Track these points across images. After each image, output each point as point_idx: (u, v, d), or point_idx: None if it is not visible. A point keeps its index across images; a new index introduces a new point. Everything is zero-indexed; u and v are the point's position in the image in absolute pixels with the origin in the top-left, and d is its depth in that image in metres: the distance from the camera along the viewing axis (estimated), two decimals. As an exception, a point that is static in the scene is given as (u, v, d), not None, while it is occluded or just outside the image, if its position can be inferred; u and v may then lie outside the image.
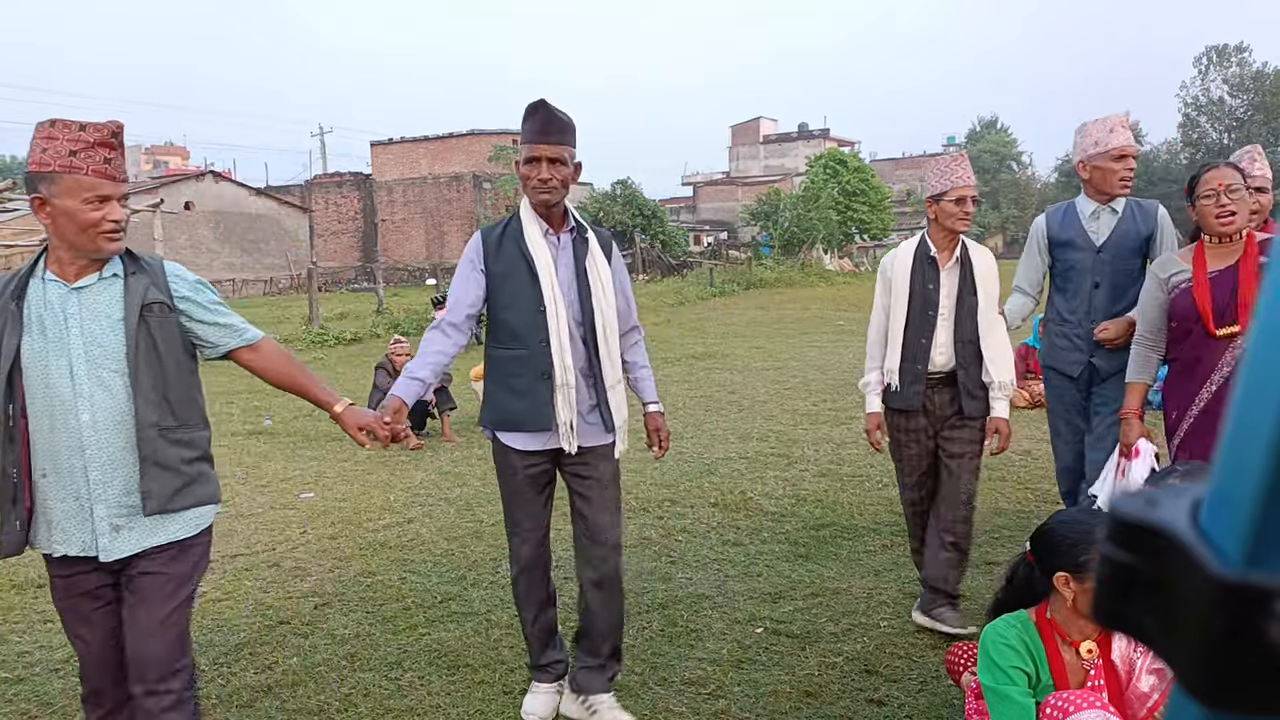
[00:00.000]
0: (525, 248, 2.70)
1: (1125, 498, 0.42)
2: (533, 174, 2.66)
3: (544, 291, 2.68)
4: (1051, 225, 3.58)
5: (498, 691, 3.03)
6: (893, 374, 3.32)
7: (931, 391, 3.30)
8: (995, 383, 3.24)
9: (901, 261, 3.33)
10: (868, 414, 3.45)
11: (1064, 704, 2.07)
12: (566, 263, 2.75)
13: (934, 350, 3.26)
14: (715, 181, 56.20)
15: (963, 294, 3.26)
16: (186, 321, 2.21)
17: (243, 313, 2.49)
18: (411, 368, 2.74)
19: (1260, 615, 0.36)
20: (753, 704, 2.91)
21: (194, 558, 2.23)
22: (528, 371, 2.70)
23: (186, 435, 2.20)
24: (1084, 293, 3.46)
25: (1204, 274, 2.90)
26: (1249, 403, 0.39)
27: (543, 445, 2.76)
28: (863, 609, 3.63)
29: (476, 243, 2.80)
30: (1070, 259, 3.50)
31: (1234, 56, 59.02)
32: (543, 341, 2.67)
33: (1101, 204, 3.47)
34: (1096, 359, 3.43)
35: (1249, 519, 0.37)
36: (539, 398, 2.69)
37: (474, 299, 2.77)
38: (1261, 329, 0.39)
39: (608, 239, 2.90)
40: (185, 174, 38.91)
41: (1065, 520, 2.29)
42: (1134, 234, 3.43)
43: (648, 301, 20.59)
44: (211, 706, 2.98)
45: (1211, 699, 0.38)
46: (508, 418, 2.75)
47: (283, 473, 6.34)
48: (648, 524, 4.87)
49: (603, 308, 2.75)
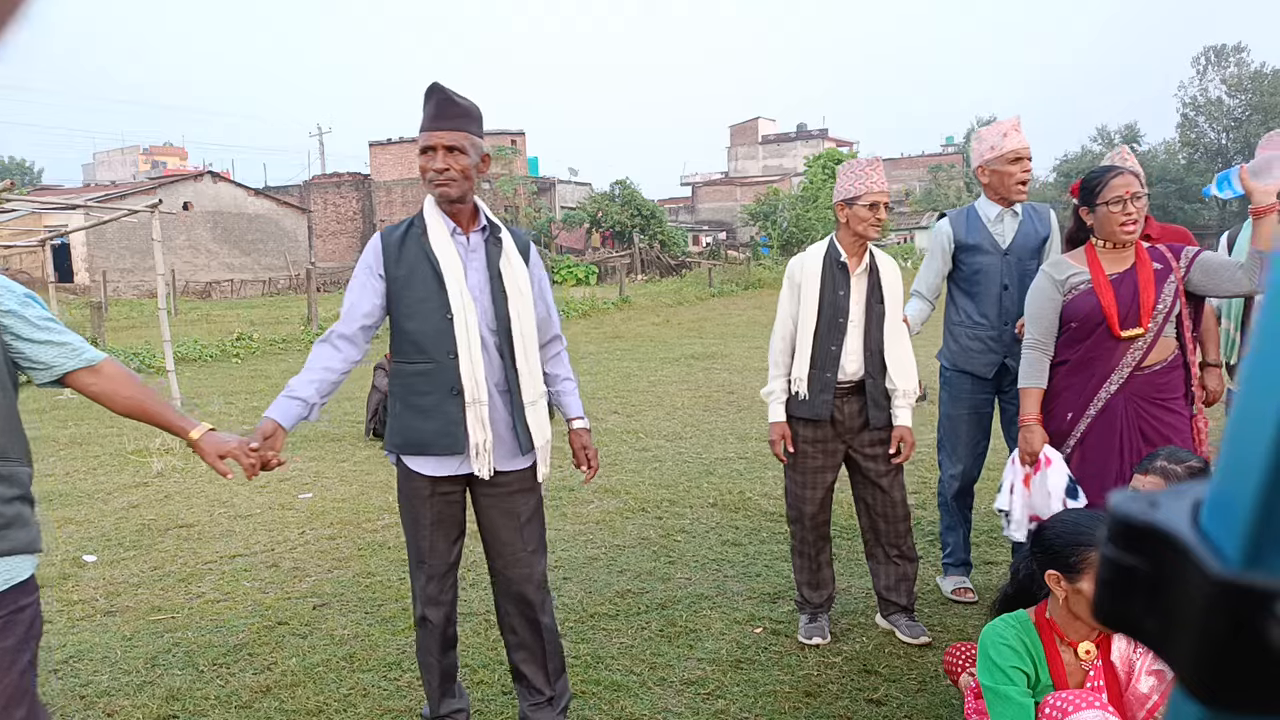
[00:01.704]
0: (429, 249, 2.45)
1: (1126, 498, 0.42)
2: (428, 164, 2.41)
3: (451, 297, 2.42)
4: (957, 229, 3.60)
5: (497, 691, 3.03)
6: (801, 382, 3.22)
7: (841, 401, 3.24)
8: (899, 391, 3.21)
9: (810, 267, 3.25)
10: (772, 424, 3.31)
11: (1063, 704, 2.07)
12: (478, 265, 2.50)
13: (844, 358, 3.20)
14: (714, 182, 56.22)
15: (871, 301, 3.23)
16: (11, 340, 1.89)
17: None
18: (293, 385, 2.43)
19: (1260, 616, 0.36)
20: (752, 704, 2.91)
21: (13, 626, 1.80)
22: (435, 388, 2.43)
23: (5, 470, 1.83)
24: (994, 295, 3.51)
25: (1104, 276, 2.94)
26: (1249, 403, 0.39)
27: (454, 470, 2.49)
28: (861, 609, 3.64)
29: (375, 244, 2.52)
30: (978, 262, 3.54)
31: (1232, 56, 59.11)
32: (451, 354, 2.42)
33: (1004, 207, 3.54)
34: (1010, 359, 3.49)
35: (1249, 519, 0.37)
36: (448, 417, 2.42)
37: (371, 308, 2.48)
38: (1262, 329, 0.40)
39: (526, 240, 2.67)
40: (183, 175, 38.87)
41: (1062, 520, 2.30)
42: (1035, 236, 3.51)
43: (647, 302, 20.60)
44: (210, 707, 2.98)
45: (1211, 700, 0.38)
46: (413, 440, 2.47)
47: (281, 473, 6.33)
48: (647, 524, 4.88)
49: (520, 314, 2.51)
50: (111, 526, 5.16)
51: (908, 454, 3.25)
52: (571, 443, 2.76)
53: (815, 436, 3.27)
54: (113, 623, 3.73)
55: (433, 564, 2.55)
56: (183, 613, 3.81)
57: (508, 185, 33.88)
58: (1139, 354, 2.90)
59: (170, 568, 4.40)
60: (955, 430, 3.69)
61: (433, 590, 2.57)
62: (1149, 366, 2.92)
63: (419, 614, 2.61)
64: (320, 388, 2.42)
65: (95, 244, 29.32)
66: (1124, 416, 2.94)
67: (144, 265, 29.24)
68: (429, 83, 2.46)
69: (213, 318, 20.13)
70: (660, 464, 6.23)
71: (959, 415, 3.66)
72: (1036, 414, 3.04)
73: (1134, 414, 2.93)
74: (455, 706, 2.71)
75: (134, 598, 4.01)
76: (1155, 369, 2.92)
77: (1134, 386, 2.93)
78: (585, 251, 33.76)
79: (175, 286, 24.42)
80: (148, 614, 3.81)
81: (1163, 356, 2.92)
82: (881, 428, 3.25)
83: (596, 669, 3.18)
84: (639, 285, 25.13)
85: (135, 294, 29.27)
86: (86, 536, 4.99)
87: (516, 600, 2.61)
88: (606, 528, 4.83)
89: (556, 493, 5.53)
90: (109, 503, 5.70)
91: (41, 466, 6.68)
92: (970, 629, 3.39)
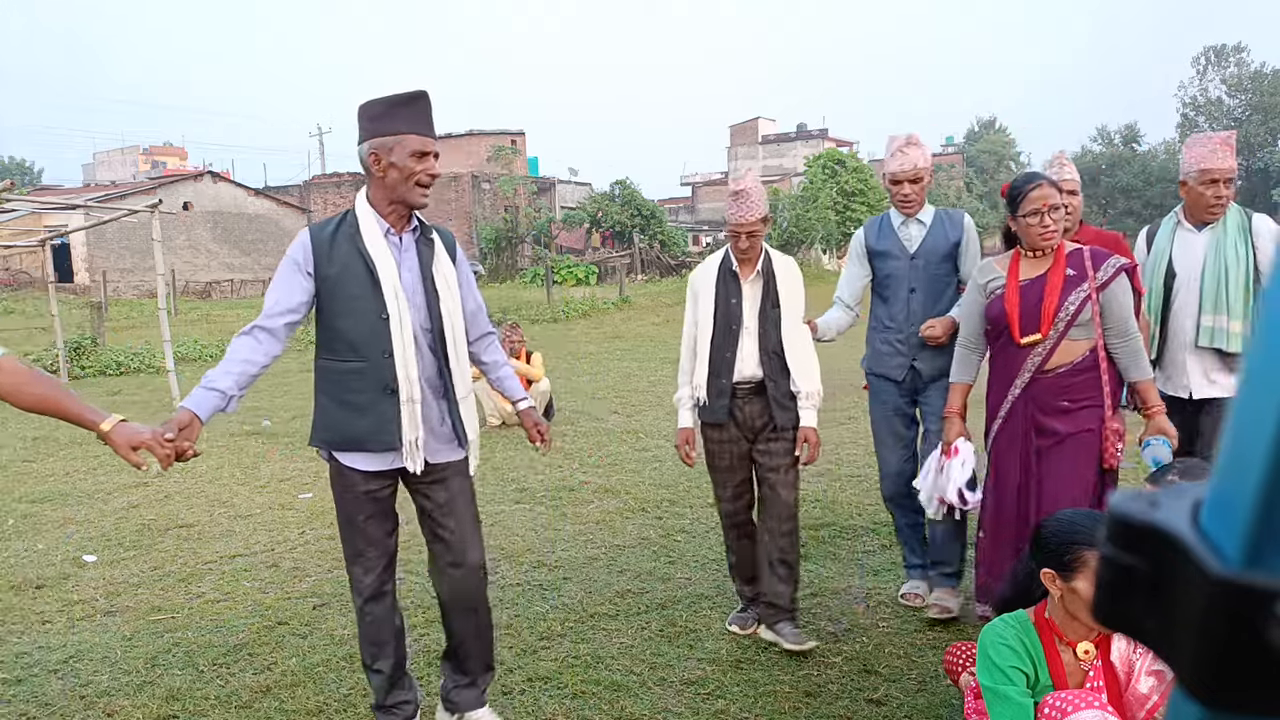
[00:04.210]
0: (363, 248, 2.46)
1: (1126, 498, 0.42)
2: (425, 169, 2.45)
3: (386, 297, 2.44)
4: (869, 236, 3.70)
5: (497, 692, 3.03)
6: (700, 389, 3.32)
7: (742, 403, 3.30)
8: (803, 393, 3.25)
9: (706, 278, 3.36)
10: (679, 429, 3.45)
11: (1062, 704, 2.08)
12: (410, 265, 2.53)
13: (739, 363, 3.26)
14: (714, 182, 56.19)
15: (765, 307, 3.27)
16: None
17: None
18: (211, 376, 2.39)
19: (1260, 616, 0.36)
20: (752, 704, 2.91)
21: None
22: (369, 386, 2.46)
23: None
24: (902, 299, 3.58)
25: (1016, 282, 3.00)
26: (1249, 403, 0.39)
27: (388, 465, 2.54)
28: (861, 609, 3.63)
29: (304, 241, 2.52)
30: (888, 267, 3.62)
31: (1232, 57, 59.13)
32: (386, 353, 2.45)
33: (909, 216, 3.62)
34: (919, 362, 3.55)
35: (1249, 519, 0.37)
36: (383, 414, 2.46)
37: (297, 304, 2.49)
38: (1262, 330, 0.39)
39: (452, 239, 2.72)
40: (183, 175, 38.85)
41: (1059, 519, 2.31)
42: (945, 241, 3.56)
43: (647, 301, 20.58)
44: (210, 707, 2.98)
45: (1211, 700, 0.38)
46: (347, 437, 2.50)
47: (281, 473, 6.34)
48: (647, 524, 4.88)
49: (451, 313, 2.57)
50: (111, 526, 5.16)
51: (813, 454, 3.28)
52: (524, 422, 2.88)
53: (721, 438, 3.37)
54: (113, 623, 3.73)
55: (370, 556, 2.60)
56: (183, 613, 3.81)
57: (508, 185, 33.85)
58: (1039, 358, 2.94)
59: (170, 568, 4.40)
60: (880, 433, 3.73)
61: (372, 582, 2.61)
62: (1052, 370, 2.95)
63: (360, 606, 2.64)
64: (239, 380, 2.41)
65: (95, 244, 29.31)
66: (1023, 420, 3.00)
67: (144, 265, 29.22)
68: (417, 87, 2.47)
69: (213, 318, 20.12)
70: (660, 464, 6.23)
71: (882, 418, 3.71)
72: (958, 408, 3.21)
73: (1033, 417, 2.98)
74: (403, 698, 2.74)
75: (134, 598, 4.01)
76: (1060, 371, 2.94)
77: (1036, 390, 2.97)
78: (585, 251, 33.75)
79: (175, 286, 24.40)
80: (148, 614, 3.81)
81: (1068, 360, 2.93)
82: (786, 428, 3.27)
83: (597, 669, 3.18)
84: (639, 285, 25.11)
85: (135, 294, 29.27)
86: (86, 536, 5.00)
87: (453, 586, 2.67)
88: (606, 528, 4.83)
89: (556, 493, 5.53)
90: (109, 503, 5.70)
91: (41, 466, 6.68)
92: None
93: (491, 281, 28.58)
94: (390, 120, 2.43)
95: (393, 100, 2.44)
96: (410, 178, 2.44)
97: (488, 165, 35.74)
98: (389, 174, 2.44)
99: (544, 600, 3.87)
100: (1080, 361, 2.94)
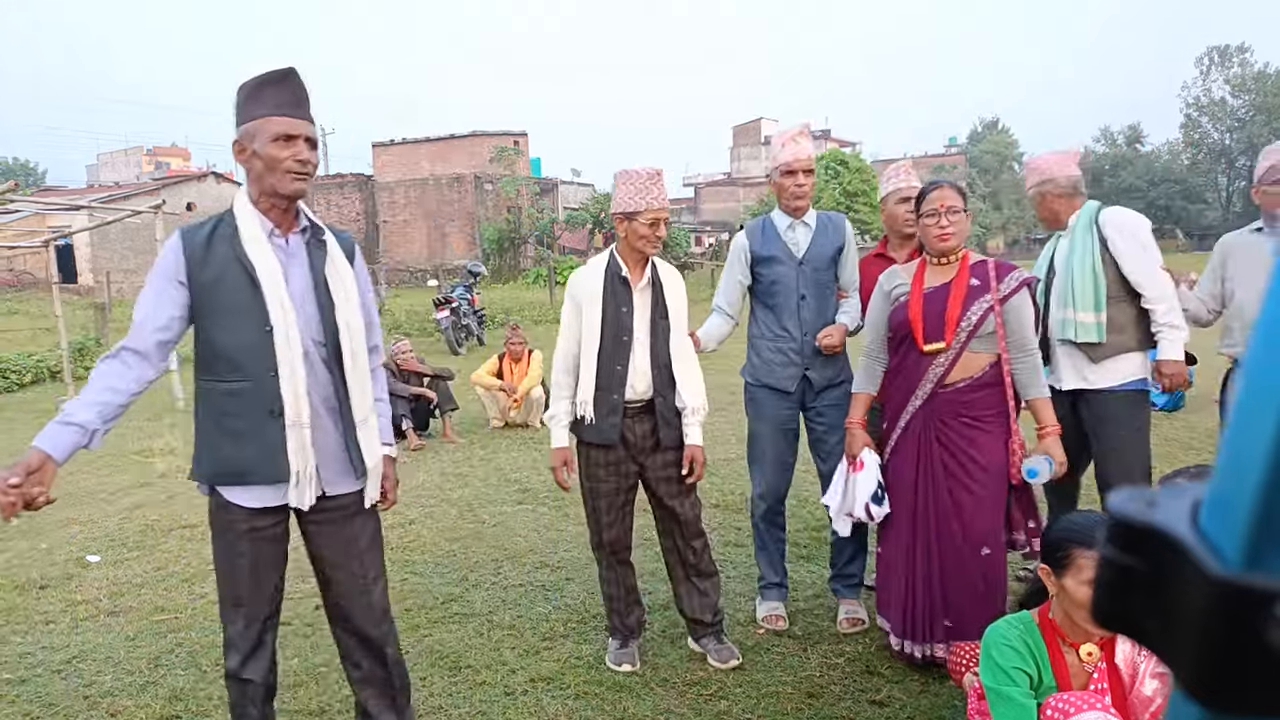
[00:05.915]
0: (242, 252, 2.16)
1: (1125, 499, 0.42)
2: (291, 154, 2.13)
3: (270, 306, 2.14)
4: (753, 240, 3.49)
5: (499, 693, 3.03)
6: (586, 405, 3.03)
7: (631, 421, 3.08)
8: (689, 408, 3.09)
9: (591, 283, 3.05)
10: (553, 450, 3.13)
11: (1065, 705, 2.07)
12: (299, 270, 2.23)
13: (632, 377, 3.03)
14: (716, 182, 56.20)
15: (655, 317, 3.07)
16: None
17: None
18: (70, 409, 2.06)
19: (1259, 617, 0.36)
20: (754, 705, 2.91)
21: None
22: (251, 409, 2.15)
23: None
24: (792, 306, 3.41)
25: (920, 289, 2.98)
26: (1249, 404, 0.39)
27: (277, 500, 2.23)
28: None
29: (175, 246, 2.18)
30: (775, 273, 3.43)
31: (1236, 57, 59.03)
32: (270, 370, 2.14)
33: (795, 218, 3.47)
34: (811, 371, 3.43)
35: (1248, 520, 0.37)
36: (267, 441, 2.16)
37: (168, 320, 2.16)
38: (1262, 331, 0.39)
39: (350, 242, 2.41)
40: (187, 175, 38.91)
41: (1061, 520, 2.32)
42: (829, 245, 3.45)
43: (649, 302, 20.57)
44: (213, 708, 2.98)
45: (1211, 700, 0.38)
46: (229, 469, 2.19)
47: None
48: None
49: (349, 323, 2.27)
50: (115, 527, 5.17)
51: (699, 473, 3.14)
52: None
53: (606, 460, 3.11)
54: (116, 623, 3.73)
55: (252, 607, 2.28)
56: (186, 613, 3.82)
57: (510, 186, 33.86)
58: (941, 370, 2.91)
59: (174, 568, 4.40)
60: (760, 447, 3.56)
61: (251, 636, 2.30)
62: (952, 384, 2.92)
63: (233, 669, 2.31)
64: (103, 411, 2.07)
65: (99, 245, 29.36)
66: (923, 434, 2.97)
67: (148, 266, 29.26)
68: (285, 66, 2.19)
69: (216, 318, 20.10)
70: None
71: (762, 431, 3.54)
72: (861, 418, 3.16)
73: (935, 431, 2.95)
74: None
75: (137, 598, 4.01)
76: (959, 386, 2.92)
77: (936, 404, 2.94)
78: (588, 252, 33.75)
79: (179, 287, 24.44)
80: (151, 614, 3.81)
81: (968, 374, 2.91)
82: (673, 447, 3.12)
83: (599, 670, 3.18)
84: (642, 286, 25.12)
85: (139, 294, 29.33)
86: (90, 537, 5.01)
87: (358, 635, 2.43)
88: (609, 528, 4.82)
89: (557, 492, 5.53)
90: (113, 503, 5.71)
91: (45, 467, 6.69)
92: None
93: (494, 282, 28.60)
94: (256, 104, 2.14)
95: (259, 80, 2.15)
96: (276, 165, 2.13)
97: (490, 166, 35.75)
98: (253, 164, 2.15)
99: (546, 601, 3.88)
100: (981, 376, 2.91)
